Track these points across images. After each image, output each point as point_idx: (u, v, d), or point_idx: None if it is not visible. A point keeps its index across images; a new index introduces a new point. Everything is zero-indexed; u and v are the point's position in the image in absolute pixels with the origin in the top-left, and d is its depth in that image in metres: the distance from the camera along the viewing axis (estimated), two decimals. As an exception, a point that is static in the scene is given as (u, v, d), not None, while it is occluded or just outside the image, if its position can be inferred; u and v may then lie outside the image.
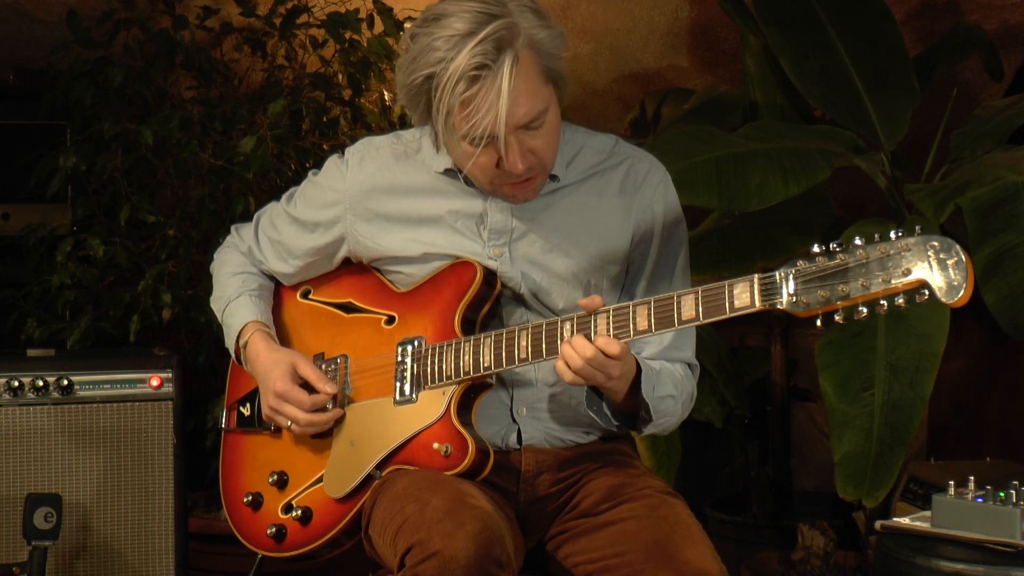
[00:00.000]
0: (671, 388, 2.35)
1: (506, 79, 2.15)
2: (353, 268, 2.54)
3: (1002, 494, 2.57)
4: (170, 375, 3.24)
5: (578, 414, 2.40)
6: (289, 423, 2.45)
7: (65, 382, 3.16)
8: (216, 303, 2.63)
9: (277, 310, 2.62)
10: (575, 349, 2.15)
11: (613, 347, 2.15)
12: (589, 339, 2.16)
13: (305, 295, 2.60)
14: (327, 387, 2.42)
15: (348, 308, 2.52)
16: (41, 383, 3.15)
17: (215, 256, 2.69)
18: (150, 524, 3.20)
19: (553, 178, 2.38)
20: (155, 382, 3.22)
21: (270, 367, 2.46)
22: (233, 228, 2.69)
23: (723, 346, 3.89)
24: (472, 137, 2.20)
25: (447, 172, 2.39)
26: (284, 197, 2.59)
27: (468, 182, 2.38)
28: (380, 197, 2.44)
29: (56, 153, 3.76)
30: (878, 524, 2.74)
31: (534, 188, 2.33)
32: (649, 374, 2.29)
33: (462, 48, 2.15)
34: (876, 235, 1.97)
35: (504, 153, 2.22)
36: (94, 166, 3.78)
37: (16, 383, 3.13)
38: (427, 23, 2.21)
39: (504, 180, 2.29)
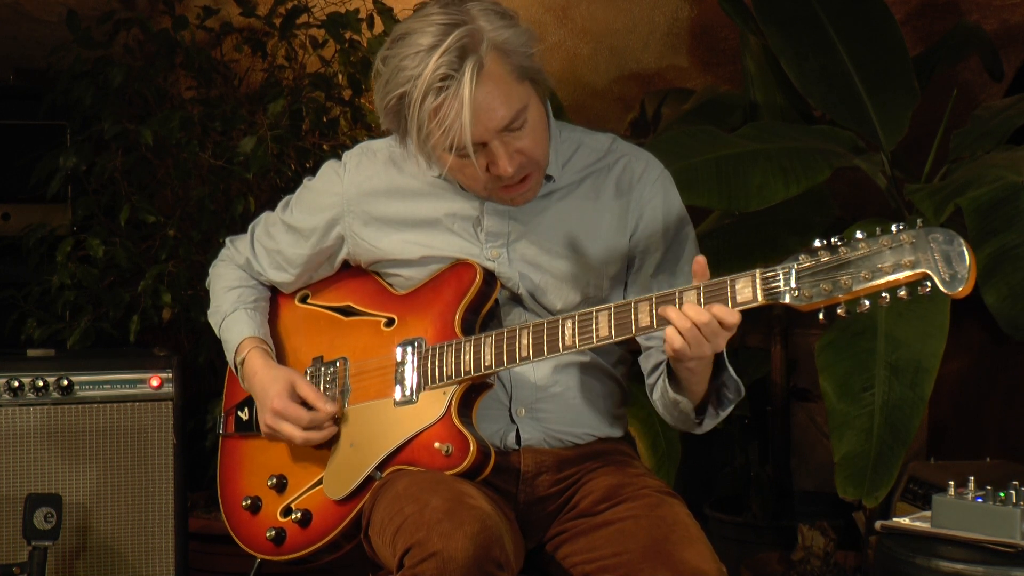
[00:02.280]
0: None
1: (467, 86, 2.15)
2: (352, 272, 2.54)
3: (1002, 494, 2.57)
4: (170, 375, 3.24)
5: (577, 414, 2.40)
6: (288, 441, 2.46)
7: (65, 382, 3.16)
8: (213, 317, 2.63)
9: (275, 316, 2.62)
10: (685, 313, 2.08)
11: (732, 316, 2.08)
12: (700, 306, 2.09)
13: (303, 300, 2.60)
14: (327, 406, 2.42)
15: (347, 311, 2.52)
16: (41, 383, 3.14)
17: (210, 271, 2.69)
18: (150, 524, 3.20)
19: (548, 179, 2.38)
20: (155, 382, 3.22)
21: (268, 384, 2.46)
22: (228, 240, 2.69)
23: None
24: (451, 147, 2.20)
25: (442, 176, 2.39)
26: (279, 206, 2.59)
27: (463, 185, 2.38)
28: (378, 200, 2.44)
29: (56, 153, 3.76)
30: (878, 524, 2.74)
31: (531, 187, 2.33)
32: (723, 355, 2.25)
33: (428, 62, 2.16)
34: (877, 228, 1.97)
35: (492, 159, 2.23)
36: (94, 166, 3.78)
37: (16, 383, 3.13)
38: (395, 44, 2.23)
39: (497, 184, 2.29)
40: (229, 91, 3.99)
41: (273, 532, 2.46)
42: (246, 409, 2.59)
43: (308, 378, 2.50)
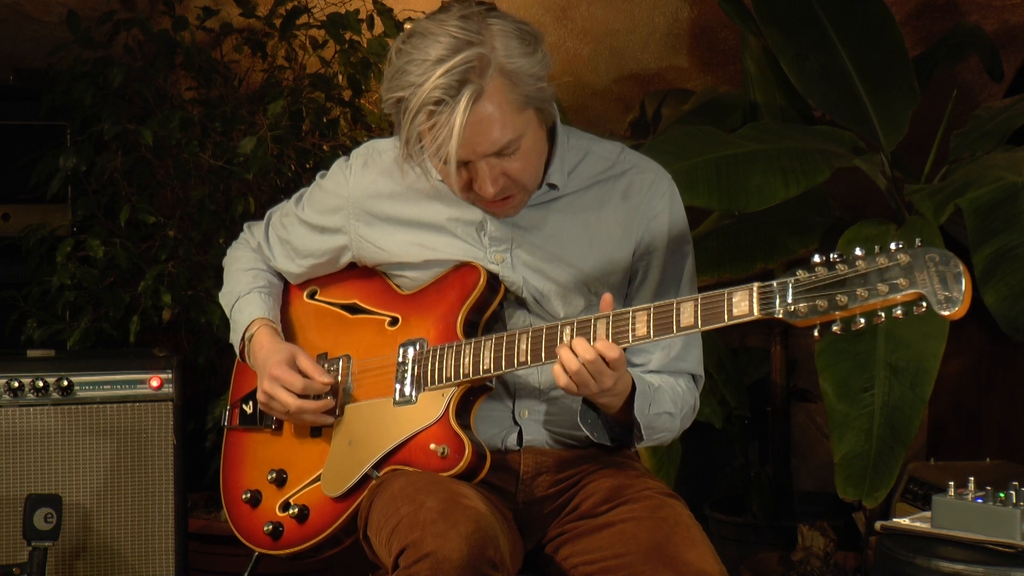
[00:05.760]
0: (669, 405, 2.35)
1: (460, 115, 2.14)
2: (360, 270, 2.55)
3: (1002, 495, 2.58)
4: (170, 376, 3.23)
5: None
6: (284, 411, 2.46)
7: (65, 383, 3.16)
8: (225, 298, 2.64)
9: (284, 309, 2.64)
10: (576, 351, 2.15)
11: (613, 351, 2.14)
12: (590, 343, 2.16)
13: (312, 295, 2.61)
14: (323, 377, 2.42)
15: (353, 309, 2.53)
16: (41, 384, 3.14)
17: (228, 252, 2.71)
18: (150, 525, 3.20)
19: (552, 187, 2.38)
20: (155, 383, 3.22)
21: (270, 355, 2.48)
22: (246, 225, 2.71)
23: (723, 347, 3.89)
24: (439, 160, 2.20)
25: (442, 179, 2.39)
26: (295, 197, 2.61)
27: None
28: (382, 202, 2.44)
29: (56, 153, 3.76)
30: (878, 524, 2.74)
31: (514, 206, 2.33)
32: (646, 392, 2.29)
33: (429, 76, 2.14)
34: (876, 246, 1.97)
35: (474, 176, 2.23)
36: (94, 166, 3.78)
37: (16, 384, 3.13)
38: (410, 40, 2.20)
39: (478, 198, 2.29)
40: (229, 91, 3.99)
41: (271, 526, 2.46)
42: (251, 402, 2.61)
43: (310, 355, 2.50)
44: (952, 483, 2.64)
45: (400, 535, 2.11)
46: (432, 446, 2.28)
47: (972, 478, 2.65)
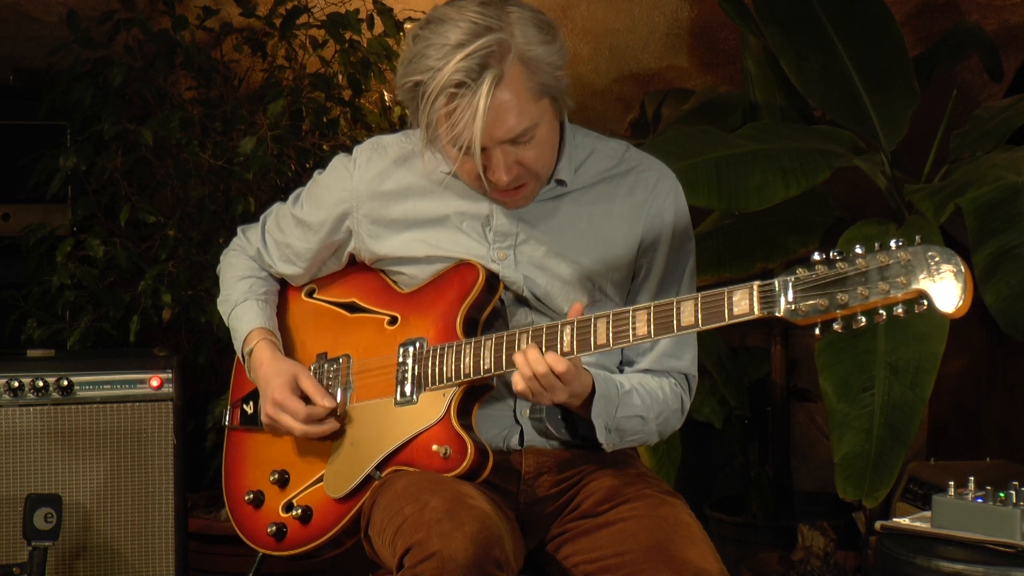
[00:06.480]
0: (640, 409, 2.34)
1: (483, 99, 2.14)
2: (358, 268, 2.55)
3: (1002, 494, 2.58)
4: (170, 375, 3.24)
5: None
6: (287, 433, 2.46)
7: (65, 383, 3.16)
8: (223, 306, 2.64)
9: (282, 309, 2.63)
10: (528, 360, 2.16)
11: (560, 365, 2.15)
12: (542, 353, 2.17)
13: (310, 294, 2.61)
14: (325, 401, 2.42)
15: (352, 308, 2.52)
16: (41, 383, 3.14)
17: (221, 258, 2.70)
18: (150, 524, 3.20)
19: (560, 183, 2.38)
20: (155, 382, 3.22)
21: (271, 376, 2.47)
22: (240, 230, 2.69)
23: (723, 346, 3.89)
24: (454, 146, 2.21)
25: (452, 173, 2.39)
26: (291, 198, 2.59)
27: (474, 183, 2.38)
28: (387, 197, 2.44)
29: (56, 153, 3.76)
30: (878, 524, 2.74)
31: (525, 196, 2.33)
32: (611, 396, 2.29)
33: (449, 60, 2.15)
34: (876, 244, 1.96)
35: (488, 164, 2.23)
36: (94, 166, 3.78)
37: (16, 383, 3.13)
38: (428, 25, 2.21)
39: (491, 187, 2.29)
40: (229, 91, 3.99)
41: (274, 528, 2.46)
42: (251, 403, 2.60)
43: (312, 374, 2.50)
44: (952, 483, 2.64)
45: (405, 534, 2.11)
46: (434, 447, 2.27)
47: (972, 478, 2.65)
